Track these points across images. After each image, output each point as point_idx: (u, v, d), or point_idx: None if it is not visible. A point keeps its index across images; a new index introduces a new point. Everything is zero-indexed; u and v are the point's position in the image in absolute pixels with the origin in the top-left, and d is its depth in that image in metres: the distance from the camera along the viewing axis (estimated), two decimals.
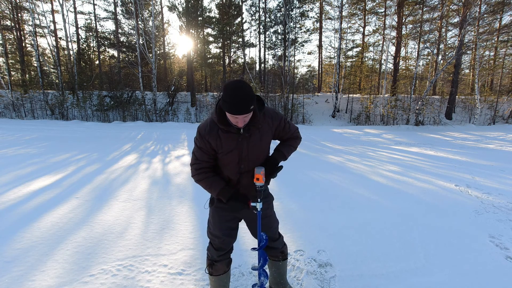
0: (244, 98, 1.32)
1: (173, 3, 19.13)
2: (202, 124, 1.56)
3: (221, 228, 1.69)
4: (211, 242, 1.75)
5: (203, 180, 1.58)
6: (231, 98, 1.32)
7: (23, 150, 6.83)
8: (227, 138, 1.50)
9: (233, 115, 1.36)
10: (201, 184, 1.60)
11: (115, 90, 16.02)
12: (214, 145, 1.52)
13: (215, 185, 1.57)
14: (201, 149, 1.55)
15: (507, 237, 2.82)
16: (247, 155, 1.56)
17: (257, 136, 1.54)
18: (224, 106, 1.36)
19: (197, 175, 1.59)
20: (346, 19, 22.38)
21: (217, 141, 1.51)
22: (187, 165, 5.65)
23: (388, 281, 2.13)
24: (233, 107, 1.33)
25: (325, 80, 28.39)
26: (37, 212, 3.25)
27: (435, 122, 15.15)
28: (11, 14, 18.65)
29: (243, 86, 1.34)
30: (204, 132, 1.52)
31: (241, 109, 1.33)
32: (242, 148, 1.53)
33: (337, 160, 6.34)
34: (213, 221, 1.72)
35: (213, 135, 1.50)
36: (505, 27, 17.66)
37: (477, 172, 5.23)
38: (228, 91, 1.33)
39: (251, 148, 1.55)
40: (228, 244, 1.74)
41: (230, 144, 1.51)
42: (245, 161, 1.57)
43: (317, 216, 3.26)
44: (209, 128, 1.51)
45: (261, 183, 1.54)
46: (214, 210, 1.72)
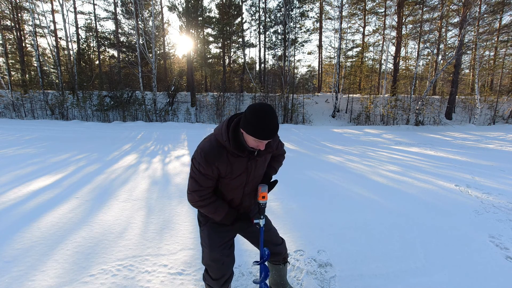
0: (275, 124, 1.29)
1: (173, 3, 19.14)
2: (207, 148, 1.39)
3: (219, 247, 1.57)
4: (209, 272, 1.59)
5: (207, 206, 1.47)
6: (262, 123, 1.26)
7: (23, 150, 6.83)
8: (238, 162, 1.42)
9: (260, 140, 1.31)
10: (204, 209, 1.49)
11: (115, 90, 16.02)
12: (224, 170, 1.41)
13: (220, 209, 1.49)
14: (205, 176, 1.40)
15: (507, 237, 2.82)
16: (253, 178, 1.53)
17: (262, 159, 1.53)
18: (250, 130, 1.28)
19: (200, 201, 1.46)
20: (346, 19, 22.39)
21: (227, 167, 1.40)
22: (187, 165, 5.65)
23: (388, 281, 2.13)
24: (264, 133, 1.28)
25: (325, 80, 28.40)
26: (37, 212, 3.25)
27: (435, 122, 15.15)
28: (11, 14, 18.65)
29: (272, 111, 1.29)
30: (212, 158, 1.37)
31: (271, 135, 1.30)
32: (250, 170, 1.49)
33: (337, 160, 6.34)
34: (210, 242, 1.57)
35: (222, 161, 1.39)
36: (505, 27, 17.66)
37: (477, 172, 5.23)
38: (259, 115, 1.26)
39: (257, 170, 1.53)
40: (229, 267, 1.60)
41: (240, 168, 1.44)
42: (250, 183, 1.54)
43: (317, 216, 3.26)
44: (217, 153, 1.38)
45: (265, 201, 1.57)
46: (209, 230, 1.59)
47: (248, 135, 1.32)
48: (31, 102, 15.97)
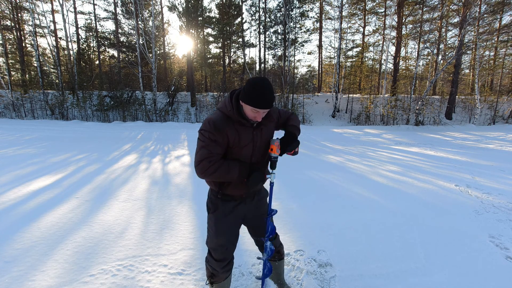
0: (270, 94, 1.40)
1: (173, 3, 19.14)
2: (214, 118, 1.49)
3: (225, 234, 1.64)
4: (212, 254, 1.68)
5: (219, 168, 1.46)
6: (258, 94, 1.38)
7: (23, 150, 6.83)
8: (244, 131, 1.52)
9: (256, 109, 1.41)
10: (216, 174, 1.47)
11: (115, 90, 16.02)
12: (232, 138, 1.49)
13: (232, 166, 1.48)
14: (215, 142, 1.46)
15: (507, 237, 2.82)
16: (259, 148, 1.60)
17: (267, 129, 1.61)
18: (248, 100, 1.40)
19: (211, 167, 1.46)
20: (346, 19, 22.40)
21: (235, 135, 1.49)
22: (187, 165, 5.65)
23: (388, 281, 2.13)
24: (260, 102, 1.39)
25: (325, 80, 28.39)
26: (37, 212, 3.25)
27: (435, 122, 15.14)
28: (11, 14, 18.65)
29: (269, 83, 1.42)
30: (221, 126, 1.46)
31: (267, 104, 1.40)
32: (256, 140, 1.56)
33: (337, 160, 6.34)
34: (216, 228, 1.64)
35: (231, 128, 1.48)
36: (505, 27, 17.66)
37: (477, 172, 5.23)
38: (256, 86, 1.39)
39: (262, 142, 1.60)
40: (230, 253, 1.69)
41: (246, 137, 1.53)
42: (257, 153, 1.60)
43: (317, 216, 3.26)
44: (225, 121, 1.48)
45: (275, 154, 1.58)
46: (218, 217, 1.64)
47: (246, 105, 1.43)
48: (31, 102, 15.97)
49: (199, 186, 4.32)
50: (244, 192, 1.64)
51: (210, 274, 1.71)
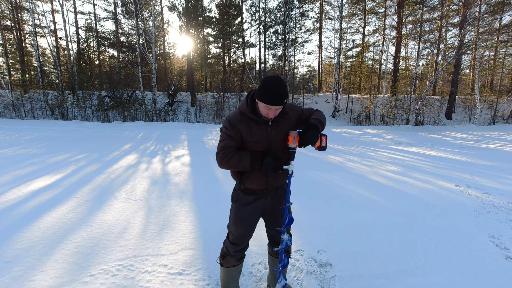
0: (282, 91, 1.47)
1: (173, 3, 19.14)
2: (231, 115, 1.65)
3: (242, 225, 1.75)
4: (229, 236, 1.81)
5: (232, 157, 1.59)
6: (270, 91, 1.45)
7: (23, 150, 6.83)
8: (257, 128, 1.60)
9: (268, 105, 1.48)
10: (230, 163, 1.60)
11: (115, 90, 16.01)
12: (244, 133, 1.60)
13: (244, 155, 1.58)
14: (230, 137, 1.61)
15: (507, 237, 2.82)
16: (275, 145, 1.64)
17: (283, 126, 1.64)
18: (261, 97, 1.48)
19: (226, 157, 1.60)
20: (346, 19, 22.39)
21: (247, 130, 1.59)
22: (187, 165, 5.65)
23: (388, 281, 2.13)
24: (272, 99, 1.46)
25: (325, 80, 28.38)
26: (37, 212, 3.25)
27: (435, 122, 15.14)
28: (11, 14, 18.65)
29: (281, 81, 1.49)
30: (235, 121, 1.60)
31: (278, 101, 1.46)
32: (270, 138, 1.62)
33: (337, 160, 6.34)
34: (236, 217, 1.76)
35: (243, 124, 1.59)
36: (505, 27, 17.66)
37: (477, 172, 5.23)
38: (268, 84, 1.47)
39: (278, 139, 1.64)
40: (245, 241, 1.80)
41: (259, 133, 1.60)
42: (273, 150, 1.64)
43: (317, 216, 3.26)
44: (239, 118, 1.60)
45: (291, 145, 1.60)
46: (238, 207, 1.75)
47: (259, 102, 1.51)
48: (31, 102, 15.97)
49: (199, 186, 4.32)
50: (265, 188, 1.70)
51: (223, 254, 1.82)
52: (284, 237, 1.72)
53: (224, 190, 4.16)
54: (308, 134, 1.58)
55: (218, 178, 4.81)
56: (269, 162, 1.55)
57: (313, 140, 1.59)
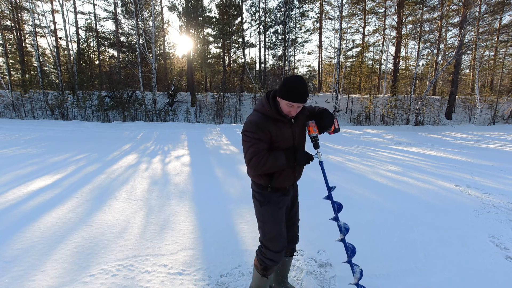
0: (304, 89, 1.55)
1: (173, 3, 19.15)
2: (256, 119, 1.62)
3: (282, 222, 1.75)
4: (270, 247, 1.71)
5: (268, 160, 1.58)
6: (294, 89, 1.52)
7: (23, 150, 6.82)
8: (284, 126, 1.66)
9: (292, 103, 1.54)
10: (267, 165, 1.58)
11: (115, 90, 16.00)
12: (274, 134, 1.63)
13: (278, 155, 1.60)
14: (260, 140, 1.60)
15: (507, 237, 2.82)
16: (299, 142, 1.76)
17: (302, 122, 1.75)
18: (283, 94, 1.54)
19: (261, 162, 1.58)
20: (346, 19, 22.39)
21: (277, 130, 1.63)
22: (187, 165, 5.65)
23: (388, 281, 2.13)
24: (295, 96, 1.52)
25: (325, 80, 28.37)
26: (37, 212, 3.25)
27: (435, 122, 15.14)
28: (11, 14, 18.65)
29: (302, 80, 1.57)
30: (263, 124, 1.60)
31: (301, 98, 1.54)
32: (295, 133, 1.71)
33: (337, 160, 6.33)
34: (274, 218, 1.71)
35: (272, 125, 1.62)
36: (505, 27, 17.66)
37: (477, 172, 5.23)
38: (290, 82, 1.54)
39: (300, 135, 1.76)
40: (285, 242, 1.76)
41: (286, 132, 1.67)
42: (297, 145, 1.74)
43: (317, 216, 3.26)
44: (265, 120, 1.62)
45: (314, 134, 1.71)
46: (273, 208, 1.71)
47: (282, 100, 1.57)
48: (31, 102, 15.96)
49: (199, 186, 4.32)
50: (292, 183, 1.79)
51: (264, 268, 1.75)
52: (340, 224, 1.75)
53: (224, 190, 4.16)
54: (325, 117, 1.72)
55: (218, 178, 4.81)
56: (302, 155, 1.64)
57: (330, 123, 1.73)
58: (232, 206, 3.54)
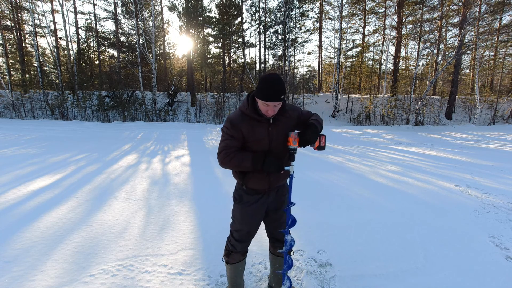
0: (279, 87, 1.49)
1: (173, 3, 19.14)
2: (232, 116, 1.66)
3: (250, 223, 1.78)
4: (234, 235, 1.82)
5: (234, 158, 1.61)
6: (267, 87, 1.48)
7: (23, 150, 6.82)
8: (258, 127, 1.62)
9: (266, 102, 1.51)
10: (232, 163, 1.61)
11: (115, 90, 16.00)
12: (246, 133, 1.61)
13: (245, 155, 1.60)
14: (232, 137, 1.63)
15: (507, 237, 2.82)
16: (276, 144, 1.67)
17: (283, 125, 1.67)
18: (259, 94, 1.52)
19: (227, 157, 1.62)
20: (346, 19, 22.38)
21: (249, 129, 1.61)
22: (187, 165, 5.65)
23: (388, 281, 2.13)
24: (269, 95, 1.49)
25: (325, 80, 28.36)
26: (37, 212, 3.25)
27: (435, 122, 15.13)
28: (11, 14, 18.64)
29: (278, 77, 1.52)
30: (236, 121, 1.62)
31: (275, 97, 1.49)
32: (272, 137, 1.64)
33: (337, 160, 6.33)
34: (241, 217, 1.78)
35: (245, 124, 1.61)
36: (505, 27, 17.65)
37: (477, 172, 5.23)
38: (265, 81, 1.50)
39: (279, 137, 1.66)
40: (253, 236, 1.84)
41: (261, 132, 1.62)
42: (275, 148, 1.67)
43: (317, 216, 3.26)
44: (240, 118, 1.62)
45: (291, 146, 1.62)
46: (243, 206, 1.77)
47: (258, 100, 1.55)
48: (31, 102, 15.97)
49: (199, 186, 4.32)
50: (267, 187, 1.72)
51: (227, 253, 1.84)
52: (288, 238, 1.73)
53: (224, 190, 4.16)
54: (309, 132, 1.61)
55: (218, 178, 4.81)
56: (271, 162, 1.56)
57: (313, 139, 1.62)
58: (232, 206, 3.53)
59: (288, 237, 1.74)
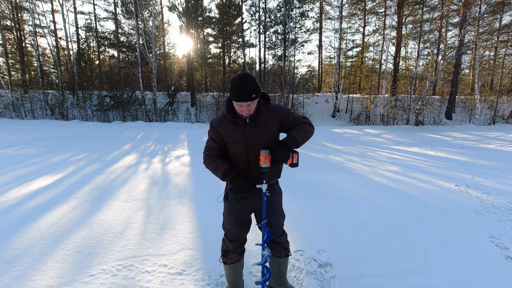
0: (247, 86, 1.47)
1: (173, 3, 19.14)
2: (214, 119, 1.75)
3: (236, 221, 1.77)
4: (226, 234, 1.83)
5: (210, 163, 1.70)
6: (236, 87, 1.49)
7: (23, 150, 6.83)
8: (235, 128, 1.64)
9: (238, 103, 1.51)
10: (209, 167, 1.72)
11: (115, 90, 16.01)
12: (223, 135, 1.66)
13: (220, 166, 1.67)
14: (212, 139, 1.72)
15: (507, 237, 2.82)
16: (255, 146, 1.65)
17: (262, 127, 1.65)
18: (231, 95, 1.53)
19: (206, 160, 1.73)
20: (346, 19, 22.38)
21: (225, 132, 1.65)
22: (187, 165, 5.66)
23: (388, 281, 2.13)
24: (238, 94, 1.48)
25: (325, 80, 28.37)
26: (37, 212, 3.25)
27: (435, 122, 15.14)
28: (11, 14, 18.65)
29: (247, 76, 1.51)
30: (215, 124, 1.69)
31: (244, 96, 1.47)
32: (249, 138, 1.64)
33: (337, 160, 6.33)
34: (228, 215, 1.79)
35: (222, 126, 1.66)
36: (505, 27, 17.66)
37: (477, 172, 5.23)
38: (235, 81, 1.51)
39: (257, 139, 1.65)
40: (243, 236, 1.83)
41: (237, 134, 1.64)
42: (253, 151, 1.65)
43: (317, 216, 3.26)
44: (219, 121, 1.68)
45: (263, 165, 1.58)
46: (229, 205, 1.78)
47: (233, 101, 1.55)
48: (31, 102, 15.97)
49: (199, 186, 4.32)
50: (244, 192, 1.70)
51: (224, 253, 1.84)
52: (265, 253, 1.72)
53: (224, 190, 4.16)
54: (278, 152, 1.57)
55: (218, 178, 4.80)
56: (239, 182, 1.59)
57: (283, 158, 1.58)
58: None
59: (265, 252, 1.72)
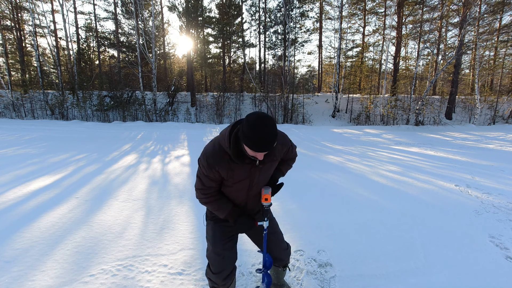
0: (270, 137, 1.23)
1: (173, 3, 19.14)
2: (210, 151, 1.41)
3: (221, 239, 1.60)
4: (210, 266, 1.61)
5: (211, 203, 1.54)
6: (256, 136, 1.21)
7: (23, 150, 6.82)
8: (240, 168, 1.41)
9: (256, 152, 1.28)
10: (208, 206, 1.57)
11: (115, 90, 16.00)
12: (225, 175, 1.42)
13: (223, 207, 1.54)
14: (208, 177, 1.45)
15: (507, 237, 2.82)
16: (258, 183, 1.54)
17: (269, 165, 1.52)
18: (246, 141, 1.24)
19: (205, 198, 1.53)
20: (346, 19, 22.37)
21: (228, 172, 1.41)
22: (187, 165, 5.65)
23: (388, 281, 2.13)
24: (258, 146, 1.23)
25: (325, 80, 28.36)
26: (37, 212, 3.25)
27: (435, 122, 15.13)
28: (11, 14, 18.64)
29: (269, 123, 1.23)
30: (213, 162, 1.38)
31: (266, 148, 1.24)
32: (254, 177, 1.48)
33: (337, 160, 6.33)
34: (213, 235, 1.63)
35: (223, 166, 1.39)
36: (505, 27, 17.65)
37: (477, 172, 5.23)
38: (253, 126, 1.21)
39: (262, 176, 1.53)
40: (230, 262, 1.60)
41: (242, 174, 1.44)
42: (255, 187, 1.55)
43: (317, 216, 3.26)
44: (218, 158, 1.38)
45: (268, 203, 1.57)
46: (214, 224, 1.66)
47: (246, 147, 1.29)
48: (31, 102, 15.96)
49: None
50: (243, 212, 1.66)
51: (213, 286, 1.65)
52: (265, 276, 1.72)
53: None
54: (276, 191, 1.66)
55: None
56: (243, 223, 1.56)
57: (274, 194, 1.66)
58: None
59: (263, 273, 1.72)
